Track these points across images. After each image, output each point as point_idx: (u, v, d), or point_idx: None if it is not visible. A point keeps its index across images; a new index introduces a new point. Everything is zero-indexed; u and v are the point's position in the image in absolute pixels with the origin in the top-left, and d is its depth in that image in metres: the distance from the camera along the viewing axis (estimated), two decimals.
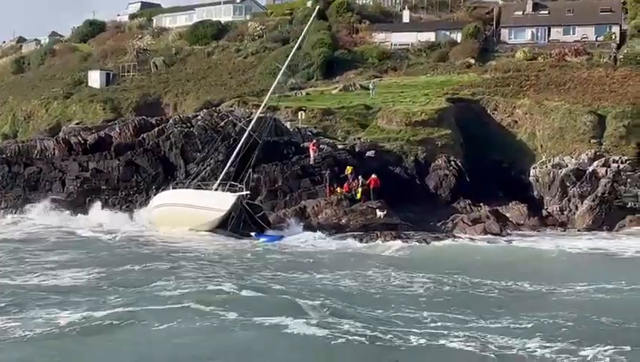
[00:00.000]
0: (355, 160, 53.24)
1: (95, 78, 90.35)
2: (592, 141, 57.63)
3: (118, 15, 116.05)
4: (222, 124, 53.88)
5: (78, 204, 51.02)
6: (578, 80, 65.95)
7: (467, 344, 20.13)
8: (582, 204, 53.46)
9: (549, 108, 60.49)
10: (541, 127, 59.89)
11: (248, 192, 43.61)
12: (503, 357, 19.20)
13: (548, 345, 20.11)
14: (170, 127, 54.22)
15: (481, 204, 53.22)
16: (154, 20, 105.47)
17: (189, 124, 54.37)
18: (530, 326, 22.28)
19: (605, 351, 19.53)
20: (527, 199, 56.00)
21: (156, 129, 54.27)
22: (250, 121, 49.40)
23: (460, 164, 56.67)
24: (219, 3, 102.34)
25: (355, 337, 20.41)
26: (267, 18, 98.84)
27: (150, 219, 46.25)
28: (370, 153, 56.05)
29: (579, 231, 50.97)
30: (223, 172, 45.38)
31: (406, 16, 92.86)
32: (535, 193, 57.01)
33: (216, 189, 44.56)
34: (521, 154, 59.85)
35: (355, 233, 44.34)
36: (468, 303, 25.44)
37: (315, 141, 53.12)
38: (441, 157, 57.01)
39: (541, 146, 59.35)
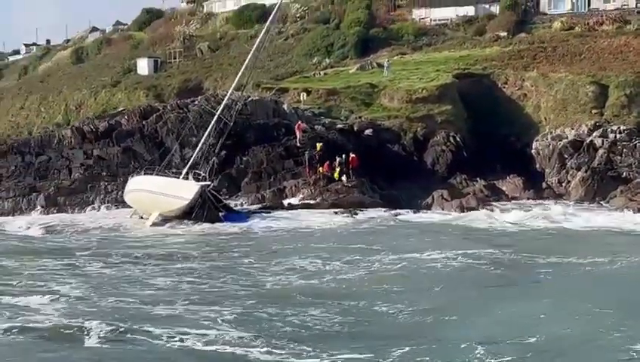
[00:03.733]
0: (346, 139, 53.97)
1: (143, 66, 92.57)
2: (594, 111, 56.90)
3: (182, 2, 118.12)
4: (219, 108, 55.09)
5: (80, 191, 53.11)
6: (595, 50, 64.82)
7: None
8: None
9: (553, 80, 59.87)
10: (545, 99, 59.37)
11: (211, 183, 45.02)
12: None
13: None
14: (167, 112, 55.83)
15: (478, 179, 53.49)
16: (204, 6, 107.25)
17: (185, 110, 55.89)
18: None
19: None
20: (530, 172, 55.88)
21: (155, 115, 55.93)
22: (236, 104, 50.69)
23: (458, 139, 56.76)
24: None
25: None
26: None
27: (127, 202, 48.08)
28: (368, 132, 56.54)
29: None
30: (191, 159, 46.67)
31: None
32: (537, 166, 56.81)
33: (185, 176, 45.94)
34: (527, 127, 59.48)
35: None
36: None
37: (299, 122, 53.87)
38: (440, 133, 57.20)
39: (545, 119, 58.91)
